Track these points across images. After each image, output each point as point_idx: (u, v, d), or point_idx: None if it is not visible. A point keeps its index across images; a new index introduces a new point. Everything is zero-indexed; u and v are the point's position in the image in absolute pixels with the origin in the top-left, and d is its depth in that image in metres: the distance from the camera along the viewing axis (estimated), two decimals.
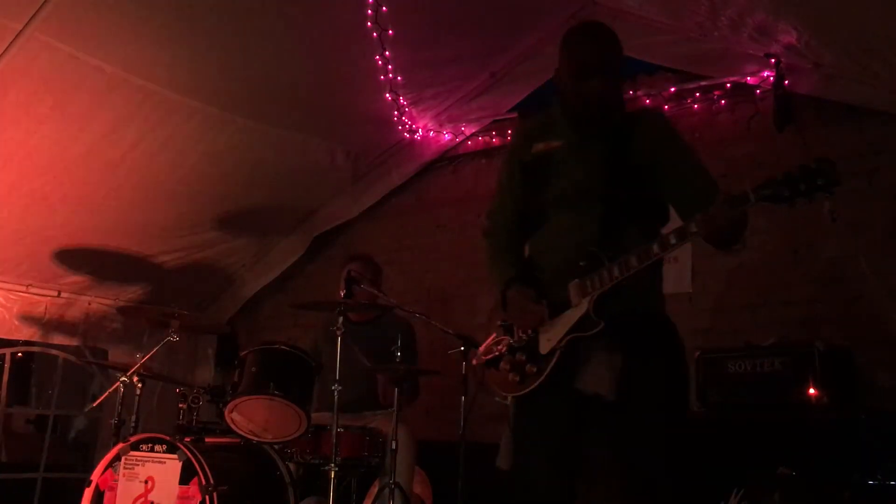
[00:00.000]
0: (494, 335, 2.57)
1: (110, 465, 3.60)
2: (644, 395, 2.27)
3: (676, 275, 4.44)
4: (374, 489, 3.88)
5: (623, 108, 2.50)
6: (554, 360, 2.34)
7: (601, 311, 2.28)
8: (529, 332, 2.43)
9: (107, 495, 3.57)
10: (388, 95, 5.09)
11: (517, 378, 2.43)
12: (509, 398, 2.49)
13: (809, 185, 1.96)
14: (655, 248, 2.20)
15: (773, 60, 4.22)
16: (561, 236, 2.44)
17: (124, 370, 3.86)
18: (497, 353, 2.52)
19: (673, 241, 2.18)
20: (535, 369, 2.38)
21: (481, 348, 2.61)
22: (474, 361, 2.62)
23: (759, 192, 2.02)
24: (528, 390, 2.40)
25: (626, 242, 2.27)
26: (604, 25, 2.48)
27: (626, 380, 2.27)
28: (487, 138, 5.70)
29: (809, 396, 3.58)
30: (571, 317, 2.33)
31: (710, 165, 2.47)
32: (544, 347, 2.38)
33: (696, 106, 4.72)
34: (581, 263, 2.33)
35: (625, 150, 2.39)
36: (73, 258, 5.27)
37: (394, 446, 3.65)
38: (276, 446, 3.80)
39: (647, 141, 2.40)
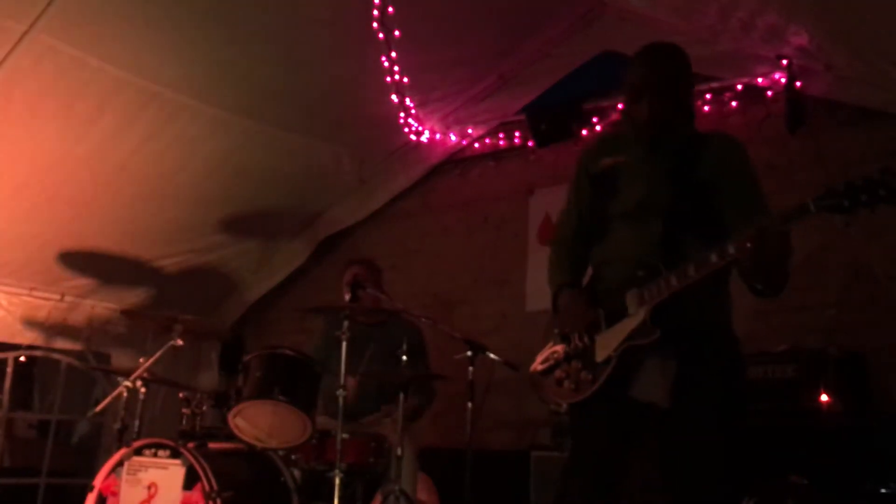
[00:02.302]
0: (551, 343, 2.57)
1: (113, 470, 3.57)
2: (697, 404, 2.27)
3: None
4: (379, 497, 3.83)
5: (688, 127, 2.51)
6: (609, 368, 2.34)
7: (658, 320, 2.28)
8: (586, 339, 2.44)
9: (109, 501, 3.54)
10: (394, 97, 5.06)
11: (572, 386, 2.44)
12: (564, 406, 2.48)
13: (872, 196, 1.96)
14: (714, 257, 2.18)
15: (784, 62, 4.19)
16: (622, 248, 2.46)
17: (127, 375, 3.83)
18: (553, 362, 2.53)
19: (731, 250, 2.15)
20: (590, 377, 2.39)
21: (538, 357, 2.61)
22: (531, 368, 2.61)
23: (819, 202, 2.01)
24: (582, 398, 2.41)
25: (687, 257, 2.27)
26: (664, 47, 2.49)
27: (680, 387, 2.27)
28: (495, 141, 5.66)
29: (822, 403, 3.54)
30: (628, 325, 2.33)
31: None
32: (600, 355, 2.38)
33: (706, 108, 4.69)
34: (639, 273, 2.34)
35: (690, 167, 2.41)
36: (76, 261, 5.26)
37: (399, 452, 3.61)
38: (280, 452, 3.77)
39: (713, 160, 2.41)
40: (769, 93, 4.47)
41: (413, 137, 5.60)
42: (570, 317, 2.49)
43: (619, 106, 5.06)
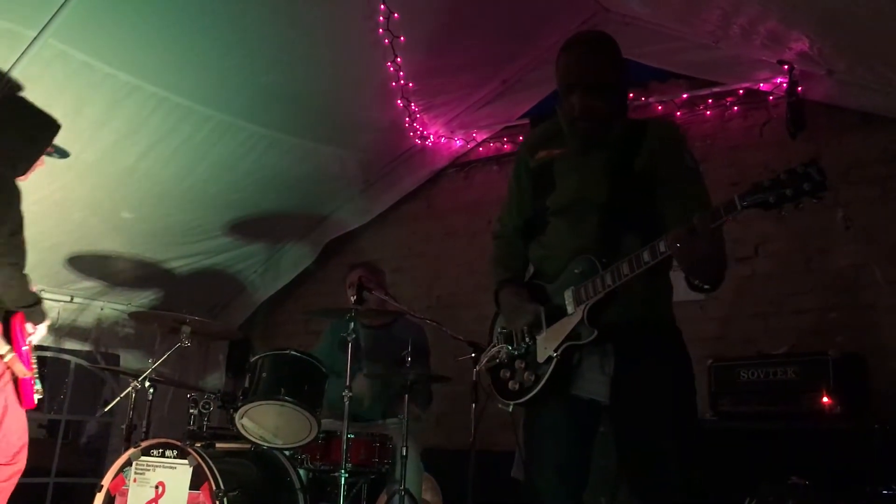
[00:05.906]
0: (495, 342, 2.56)
1: (121, 470, 3.60)
2: (638, 399, 2.25)
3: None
4: (384, 496, 3.87)
5: (622, 117, 2.44)
6: (551, 368, 2.34)
7: (596, 319, 2.28)
8: (528, 339, 2.43)
9: (118, 500, 3.57)
10: (399, 102, 5.10)
11: (517, 386, 2.44)
12: (511, 406, 2.50)
13: (796, 191, 1.90)
14: (646, 255, 2.17)
15: (785, 67, 4.21)
16: (560, 243, 2.43)
17: (136, 375, 3.88)
18: (498, 361, 2.52)
19: (662, 248, 2.13)
20: (532, 377, 2.39)
21: (483, 357, 2.61)
22: (478, 368, 2.62)
23: (746, 198, 1.96)
24: (526, 398, 2.41)
25: (624, 251, 2.24)
26: (594, 37, 2.46)
27: (620, 383, 2.27)
28: (499, 145, 5.70)
29: (822, 405, 3.55)
30: (567, 324, 2.33)
31: (722, 172, 2.44)
32: (541, 355, 2.38)
33: (708, 113, 4.72)
34: (576, 271, 2.33)
35: (626, 159, 2.36)
36: (85, 264, 5.29)
37: (404, 453, 3.64)
38: (286, 452, 3.80)
39: (649, 151, 2.36)
40: (770, 97, 4.50)
41: (418, 141, 5.65)
42: (512, 316, 2.47)
43: None
